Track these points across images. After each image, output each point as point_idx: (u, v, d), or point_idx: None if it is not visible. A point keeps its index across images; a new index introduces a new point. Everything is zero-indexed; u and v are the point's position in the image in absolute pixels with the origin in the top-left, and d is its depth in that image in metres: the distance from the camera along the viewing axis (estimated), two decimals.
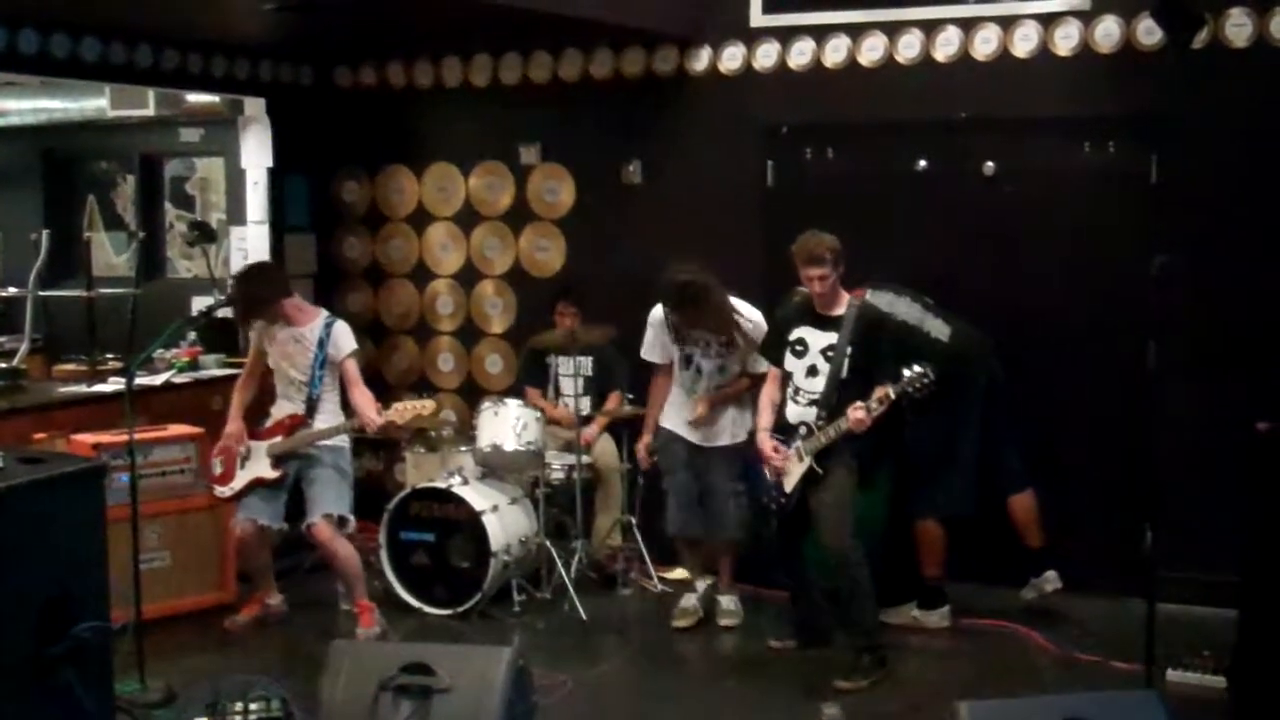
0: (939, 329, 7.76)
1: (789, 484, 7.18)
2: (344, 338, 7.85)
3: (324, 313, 7.96)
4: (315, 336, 7.79)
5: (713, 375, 7.92)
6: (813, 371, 7.17)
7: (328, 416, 7.82)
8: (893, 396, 6.81)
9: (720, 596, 8.17)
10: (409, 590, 8.23)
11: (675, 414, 8.02)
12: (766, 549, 8.13)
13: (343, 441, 7.91)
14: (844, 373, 7.06)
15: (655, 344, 8.05)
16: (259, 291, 7.76)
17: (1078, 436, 8.22)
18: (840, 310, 7.16)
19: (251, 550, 7.96)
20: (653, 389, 8.17)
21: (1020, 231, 8.27)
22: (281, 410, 7.91)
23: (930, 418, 7.57)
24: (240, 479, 7.87)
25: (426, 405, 7.81)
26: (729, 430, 7.95)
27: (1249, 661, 6.55)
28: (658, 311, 7.93)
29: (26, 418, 8.17)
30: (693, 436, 7.95)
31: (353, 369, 7.84)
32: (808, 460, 7.07)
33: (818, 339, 7.18)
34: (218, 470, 7.97)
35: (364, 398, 7.78)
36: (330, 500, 7.75)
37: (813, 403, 7.13)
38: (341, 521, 7.80)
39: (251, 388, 8.09)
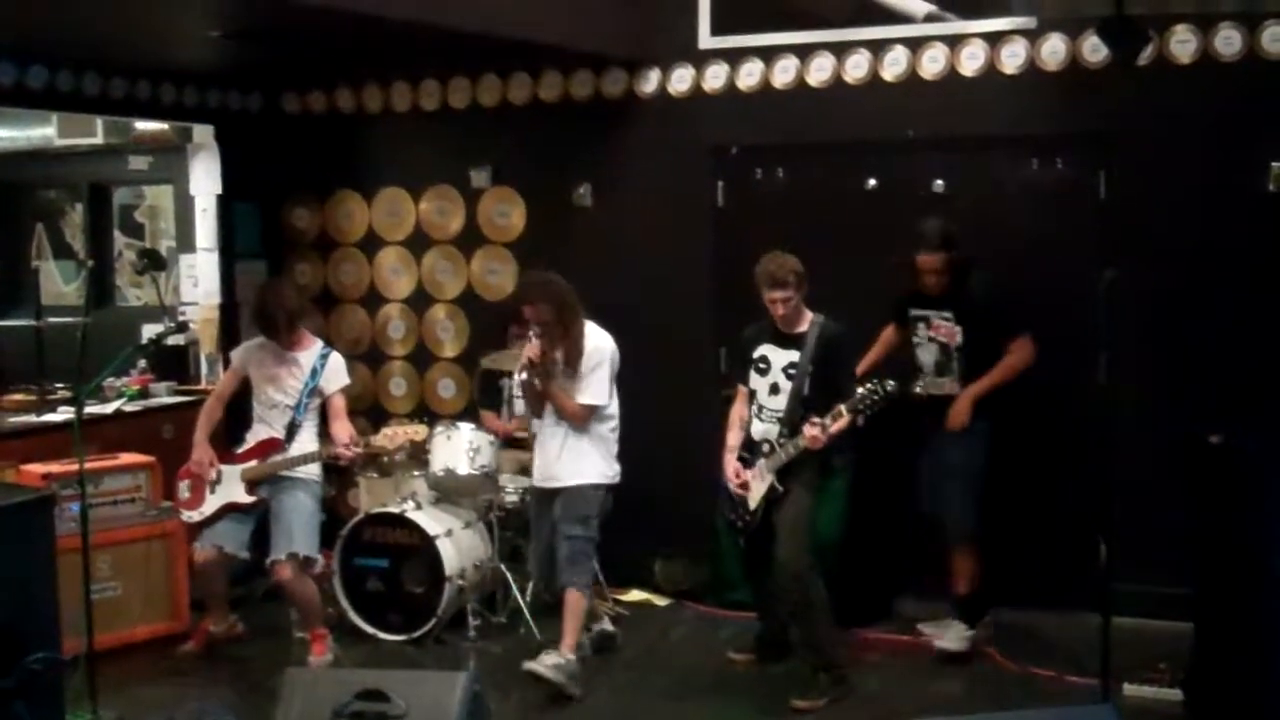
0: None
1: (752, 502, 7.22)
2: (338, 371, 7.87)
3: (319, 341, 7.96)
4: (310, 365, 7.77)
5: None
6: (775, 389, 7.22)
7: (304, 444, 7.78)
8: (845, 414, 6.85)
9: (548, 651, 7.33)
10: (363, 616, 8.19)
11: (537, 458, 7.67)
12: (728, 568, 8.18)
13: (316, 474, 7.86)
14: (806, 390, 7.10)
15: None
16: (300, 303, 7.84)
17: (1029, 450, 8.23)
18: (802, 328, 7.20)
19: (211, 576, 7.87)
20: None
21: (970, 249, 8.28)
22: (258, 434, 7.85)
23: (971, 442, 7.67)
24: (212, 503, 7.79)
25: (419, 430, 7.79)
26: (572, 469, 7.43)
27: (1204, 674, 6.60)
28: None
29: None
30: (537, 480, 7.63)
31: (340, 404, 7.83)
32: (770, 478, 7.10)
33: (780, 357, 7.23)
34: (185, 495, 7.90)
35: (345, 432, 7.76)
36: (298, 538, 7.65)
37: (776, 420, 7.17)
38: (307, 561, 7.73)
39: (220, 410, 8.02)
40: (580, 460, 7.44)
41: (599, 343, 7.45)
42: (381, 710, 5.02)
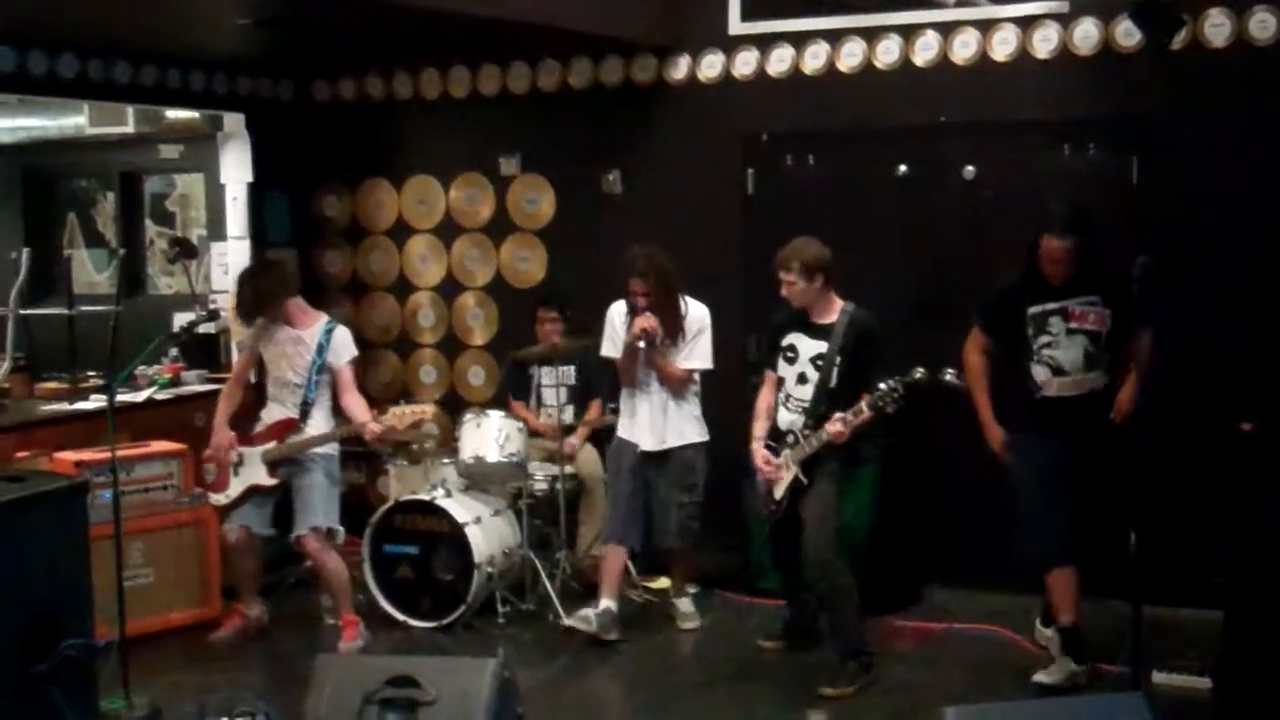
0: None
1: (778, 492, 7.21)
2: (345, 344, 7.84)
3: (325, 317, 7.96)
4: (315, 341, 7.77)
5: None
6: (802, 379, 7.20)
7: (320, 422, 7.80)
8: (866, 411, 6.82)
9: (675, 600, 8.30)
10: (393, 603, 8.20)
11: (627, 419, 8.02)
12: (758, 556, 8.18)
13: (333, 450, 7.89)
14: (833, 381, 7.08)
15: (611, 339, 8.00)
16: (270, 287, 7.76)
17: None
18: (831, 319, 7.17)
19: (241, 557, 7.94)
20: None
21: (1001, 235, 8.26)
22: (273, 415, 7.88)
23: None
24: (236, 485, 7.85)
25: (426, 409, 7.81)
26: (676, 432, 7.91)
27: (1235, 662, 6.57)
28: (617, 306, 7.95)
29: (9, 436, 8.14)
30: (644, 442, 7.91)
31: (349, 376, 7.82)
32: (794, 469, 7.09)
33: (808, 346, 7.20)
34: (211, 477, 7.96)
35: (358, 404, 7.78)
36: (319, 511, 7.73)
37: (802, 410, 7.15)
38: (330, 533, 7.80)
39: (239, 393, 8.08)
40: (684, 424, 7.92)
41: (697, 311, 7.90)
42: (412, 696, 5.05)
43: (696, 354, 7.87)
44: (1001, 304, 7.18)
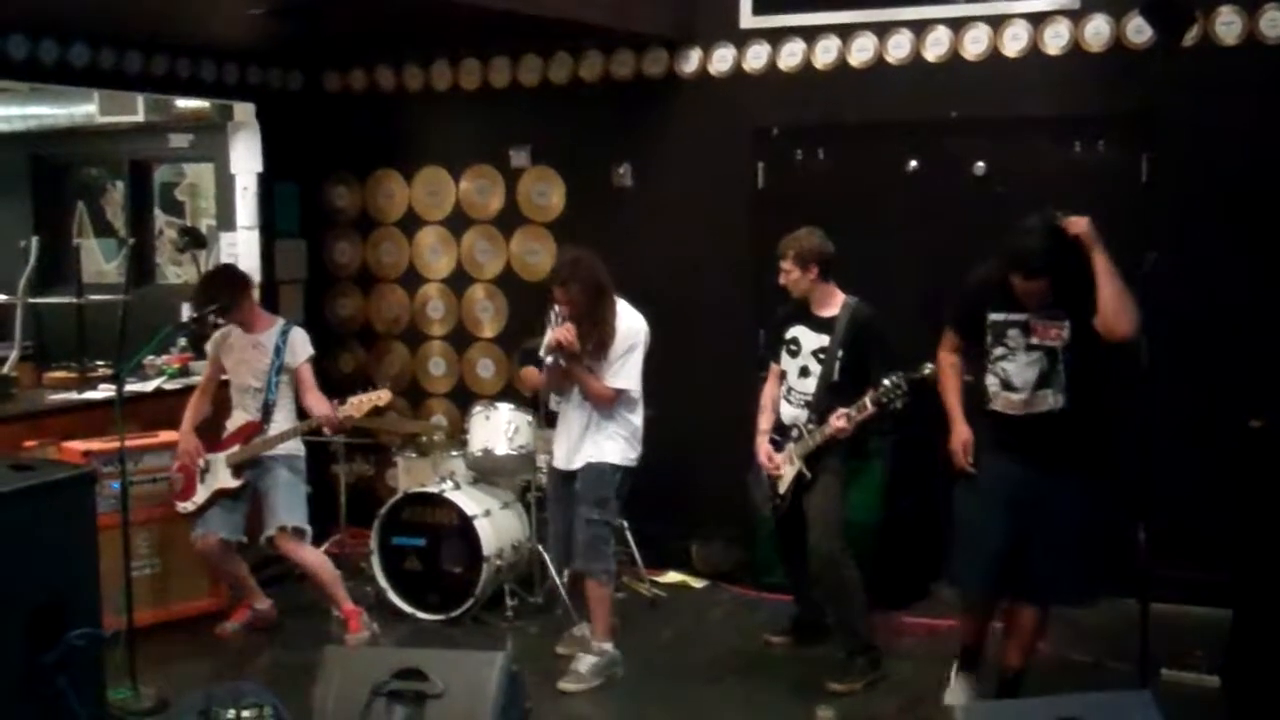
0: None
1: (782, 486, 7.21)
2: (301, 344, 7.88)
3: (281, 320, 8.02)
4: (272, 343, 7.81)
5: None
6: (805, 372, 7.18)
7: (282, 423, 7.82)
8: (870, 407, 6.81)
9: (581, 651, 7.37)
10: (401, 596, 8.21)
11: (554, 432, 7.54)
12: (765, 550, 8.17)
13: (297, 449, 7.91)
14: (835, 375, 7.07)
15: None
16: (220, 295, 7.77)
17: None
18: (833, 312, 7.16)
19: (218, 564, 7.95)
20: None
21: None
22: (237, 420, 7.92)
23: None
24: (202, 492, 7.85)
25: (382, 395, 7.79)
26: (593, 449, 7.19)
27: (1243, 660, 6.57)
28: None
29: (17, 425, 8.17)
30: (558, 461, 7.40)
31: (308, 374, 7.85)
32: (798, 464, 7.09)
33: (810, 340, 7.19)
34: (178, 487, 7.95)
35: (319, 402, 7.79)
36: (284, 511, 7.75)
37: (805, 404, 7.14)
38: (298, 533, 7.80)
39: (206, 403, 8.09)
40: (603, 442, 7.18)
41: (631, 324, 7.17)
42: (419, 689, 5.06)
43: (624, 372, 7.11)
44: (967, 303, 6.56)
